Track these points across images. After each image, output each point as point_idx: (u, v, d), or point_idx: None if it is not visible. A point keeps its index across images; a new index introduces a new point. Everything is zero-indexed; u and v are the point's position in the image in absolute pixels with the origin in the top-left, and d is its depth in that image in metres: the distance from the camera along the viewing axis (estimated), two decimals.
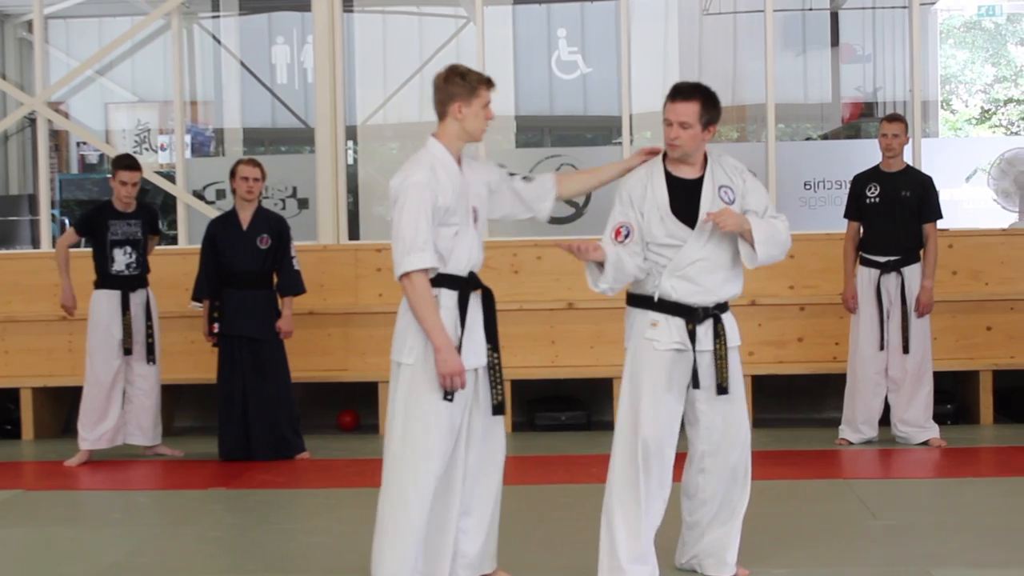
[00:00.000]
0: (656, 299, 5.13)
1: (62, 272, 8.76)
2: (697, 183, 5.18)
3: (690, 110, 5.11)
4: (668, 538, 5.38)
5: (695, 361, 5.15)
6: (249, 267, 8.64)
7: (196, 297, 8.79)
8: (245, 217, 8.69)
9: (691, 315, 5.13)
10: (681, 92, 5.14)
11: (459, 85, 4.98)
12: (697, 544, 5.33)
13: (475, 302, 5.03)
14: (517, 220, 5.42)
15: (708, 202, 5.14)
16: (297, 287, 8.74)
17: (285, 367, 8.75)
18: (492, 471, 5.10)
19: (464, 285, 4.97)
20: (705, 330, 5.17)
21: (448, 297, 4.93)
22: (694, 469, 5.27)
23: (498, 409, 5.08)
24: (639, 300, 5.19)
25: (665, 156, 5.24)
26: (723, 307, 5.24)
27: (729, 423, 5.23)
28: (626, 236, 5.10)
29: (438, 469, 4.88)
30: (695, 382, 5.15)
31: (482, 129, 5.05)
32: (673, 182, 5.17)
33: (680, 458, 5.23)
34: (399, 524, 4.86)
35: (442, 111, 5.02)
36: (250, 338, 8.62)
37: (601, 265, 5.08)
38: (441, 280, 4.92)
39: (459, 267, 4.96)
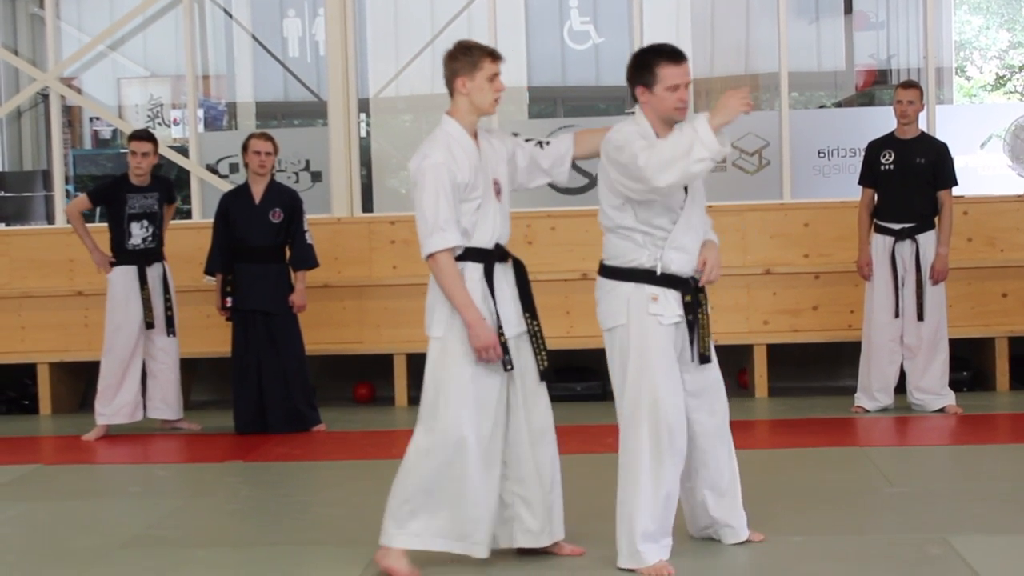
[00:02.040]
0: (659, 273, 5.04)
1: (83, 235, 8.78)
2: None
3: (687, 71, 5.04)
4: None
5: (689, 332, 5.11)
6: (262, 241, 8.65)
7: (209, 271, 8.82)
8: (258, 191, 8.69)
9: (685, 286, 5.08)
10: (679, 53, 5.03)
11: (461, 60, 5.00)
12: (705, 515, 5.33)
13: (503, 273, 5.07)
14: (531, 190, 5.42)
15: None
16: (310, 261, 8.75)
17: (299, 340, 8.77)
18: (540, 439, 5.14)
19: (489, 257, 5.00)
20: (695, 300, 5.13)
21: (473, 270, 4.97)
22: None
23: (544, 375, 5.15)
24: (631, 274, 5.08)
25: None
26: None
27: (712, 386, 5.22)
28: None
29: (469, 441, 4.91)
30: (692, 353, 5.12)
31: (491, 102, 5.03)
32: None
33: None
34: (436, 492, 4.94)
35: (450, 87, 5.05)
36: (264, 312, 8.63)
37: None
38: (466, 254, 4.97)
39: (484, 240, 4.99)
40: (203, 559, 5.48)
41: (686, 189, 5.05)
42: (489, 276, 5.00)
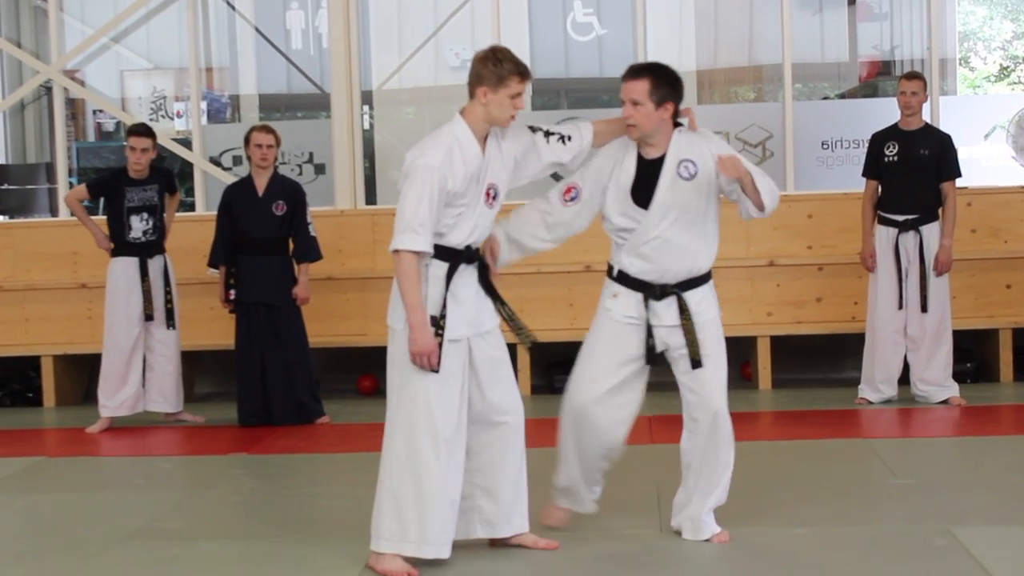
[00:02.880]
0: (616, 273, 5.23)
1: (85, 220, 8.82)
2: (659, 163, 5.14)
3: (639, 87, 5.05)
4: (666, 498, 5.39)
5: (649, 335, 5.17)
6: (265, 233, 8.64)
7: (212, 263, 8.82)
8: (261, 183, 8.69)
9: (649, 290, 5.17)
10: (632, 70, 5.12)
11: (490, 70, 4.92)
12: (685, 509, 5.35)
13: (468, 273, 5.04)
14: (533, 182, 5.42)
15: (667, 183, 5.11)
16: (313, 253, 8.75)
17: (302, 333, 8.77)
18: (500, 432, 5.11)
19: (456, 257, 4.98)
20: (666, 306, 5.17)
21: (439, 267, 4.94)
22: (685, 435, 5.30)
23: (532, 343, 5.35)
24: (609, 271, 5.31)
25: None
26: (688, 284, 5.20)
27: (701, 391, 5.21)
28: (573, 199, 5.19)
29: (435, 433, 4.89)
30: (649, 357, 5.19)
31: (508, 117, 4.98)
32: (640, 163, 5.16)
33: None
34: (400, 492, 4.91)
35: (471, 90, 4.98)
36: (267, 304, 8.63)
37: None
38: (434, 251, 4.93)
39: (456, 241, 4.96)
40: (207, 551, 5.49)
41: (647, 204, 5.11)
42: (451, 276, 4.97)
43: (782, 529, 5.44)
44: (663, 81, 5.08)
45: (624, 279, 5.21)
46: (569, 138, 5.20)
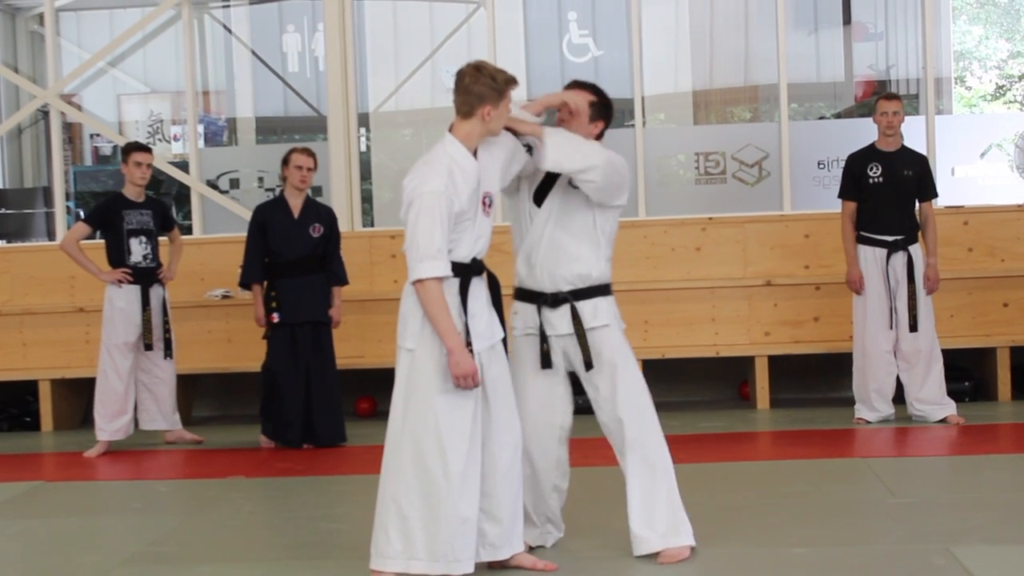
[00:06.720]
0: (515, 286, 5.35)
1: (84, 264, 8.75)
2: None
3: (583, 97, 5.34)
4: None
5: (545, 344, 5.28)
6: (302, 253, 8.60)
7: (245, 282, 8.73)
8: (296, 205, 8.67)
9: (539, 300, 5.28)
10: (577, 82, 5.43)
11: (490, 87, 4.96)
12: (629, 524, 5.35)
13: (479, 286, 5.07)
14: None
15: (563, 183, 5.26)
16: (344, 278, 8.79)
17: (333, 352, 8.78)
18: (503, 452, 5.10)
19: (466, 271, 5.00)
20: (560, 315, 5.27)
21: (450, 284, 4.95)
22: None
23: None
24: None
25: None
26: (582, 293, 5.28)
27: (616, 399, 5.27)
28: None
29: (443, 452, 4.88)
30: (545, 361, 5.30)
31: (502, 125, 5.07)
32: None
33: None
34: (407, 511, 4.91)
35: (468, 111, 5.00)
36: (313, 322, 8.61)
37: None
38: None
39: (461, 255, 4.98)
40: (205, 575, 5.47)
41: (540, 202, 5.27)
42: (464, 290, 5.00)
43: (780, 549, 5.43)
44: (600, 101, 5.36)
45: (521, 293, 5.36)
46: (529, 148, 5.27)
